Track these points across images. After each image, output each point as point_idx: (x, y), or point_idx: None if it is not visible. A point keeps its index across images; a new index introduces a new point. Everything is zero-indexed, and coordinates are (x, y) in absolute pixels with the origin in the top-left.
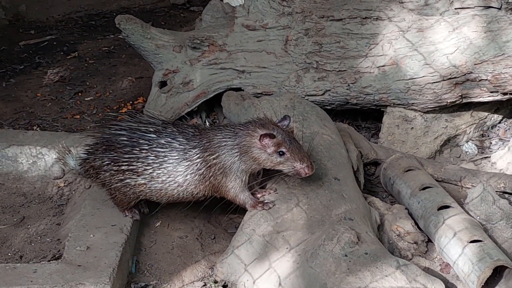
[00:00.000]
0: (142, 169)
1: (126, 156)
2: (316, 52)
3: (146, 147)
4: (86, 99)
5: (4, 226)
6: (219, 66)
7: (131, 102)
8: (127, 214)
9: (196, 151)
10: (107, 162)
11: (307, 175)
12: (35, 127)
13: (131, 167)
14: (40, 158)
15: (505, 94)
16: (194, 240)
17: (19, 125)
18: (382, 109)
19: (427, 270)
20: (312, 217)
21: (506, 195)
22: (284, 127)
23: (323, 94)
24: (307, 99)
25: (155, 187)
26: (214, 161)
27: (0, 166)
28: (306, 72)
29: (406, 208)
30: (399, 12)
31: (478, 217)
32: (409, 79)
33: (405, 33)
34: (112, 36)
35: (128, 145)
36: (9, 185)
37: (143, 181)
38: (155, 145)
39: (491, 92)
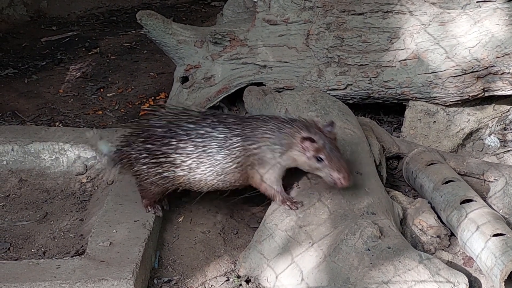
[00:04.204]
0: (181, 160)
1: (164, 148)
2: (338, 47)
3: (185, 138)
4: (108, 95)
5: (27, 222)
6: (240, 61)
7: (153, 98)
8: (149, 209)
9: (237, 140)
10: (144, 154)
11: (343, 186)
12: (57, 123)
13: (169, 159)
14: (63, 154)
15: None
16: (217, 235)
17: (42, 121)
18: (404, 103)
19: (450, 264)
20: (335, 212)
21: None
22: (327, 132)
23: (344, 88)
24: (328, 94)
25: (195, 178)
26: (255, 151)
27: (23, 162)
28: (328, 67)
29: (428, 202)
30: (421, 6)
31: (501, 211)
32: (431, 72)
33: (426, 27)
34: (134, 31)
35: (166, 137)
36: (32, 181)
37: (182, 173)
38: (194, 136)
39: None
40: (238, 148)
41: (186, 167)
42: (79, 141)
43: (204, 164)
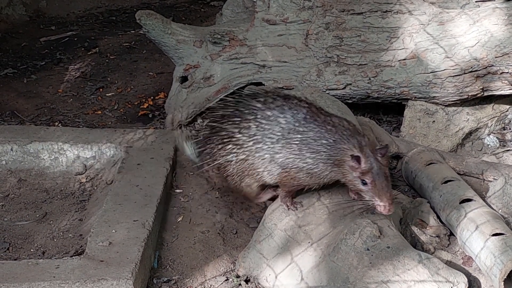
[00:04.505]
0: (242, 141)
1: (229, 126)
2: (337, 46)
3: (250, 117)
4: (107, 94)
5: (26, 222)
6: (239, 60)
7: (152, 98)
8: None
9: (297, 138)
10: (209, 134)
11: (382, 214)
12: (56, 123)
13: (233, 140)
14: (62, 154)
15: None
16: (216, 235)
17: (41, 121)
18: (403, 103)
19: (449, 264)
20: (334, 211)
21: None
22: (379, 156)
23: (344, 88)
24: (328, 93)
25: (253, 164)
26: (309, 160)
27: (22, 162)
28: (327, 66)
29: (428, 202)
30: (420, 5)
31: (500, 210)
32: (430, 72)
33: (425, 27)
34: (133, 31)
35: (231, 115)
36: (31, 181)
37: (243, 156)
38: (259, 116)
39: None
40: (295, 147)
41: (247, 150)
42: (78, 141)
43: (262, 150)
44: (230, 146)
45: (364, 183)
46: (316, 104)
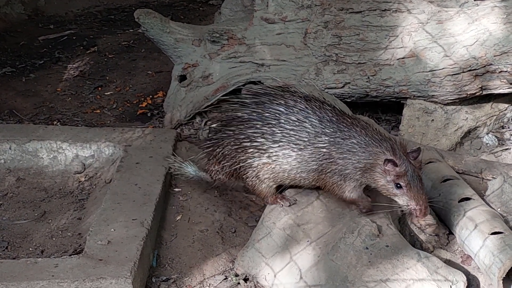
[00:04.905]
0: (268, 146)
1: (249, 131)
2: (336, 45)
3: (273, 122)
4: (106, 93)
5: (25, 221)
6: (238, 59)
7: (151, 96)
8: (278, 201)
9: (326, 140)
10: (227, 140)
11: (418, 217)
12: (55, 122)
13: (254, 144)
14: (61, 153)
15: None
16: (215, 234)
17: (39, 120)
18: (402, 102)
19: (448, 262)
20: (333, 210)
21: None
22: (412, 158)
23: (342, 86)
24: (326, 92)
25: (279, 169)
26: (340, 161)
27: (21, 161)
28: (326, 65)
29: None
30: (419, 4)
31: (499, 209)
32: (429, 71)
33: (424, 25)
34: (132, 30)
35: (252, 119)
36: (30, 180)
37: (266, 160)
38: (283, 121)
39: (511, 83)
40: (324, 150)
41: (273, 155)
42: (77, 139)
43: (290, 156)
44: (251, 150)
45: (399, 187)
46: (338, 106)
